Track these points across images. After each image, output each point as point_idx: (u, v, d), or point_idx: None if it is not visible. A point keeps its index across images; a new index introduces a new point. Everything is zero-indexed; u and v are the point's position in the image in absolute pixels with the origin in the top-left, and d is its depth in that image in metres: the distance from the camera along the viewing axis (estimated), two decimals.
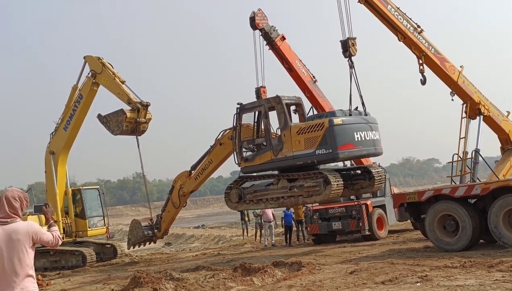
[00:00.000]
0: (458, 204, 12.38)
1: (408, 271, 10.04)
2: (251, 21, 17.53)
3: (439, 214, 12.66)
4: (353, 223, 17.50)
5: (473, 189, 12.27)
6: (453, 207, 12.42)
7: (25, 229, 4.90)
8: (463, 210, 12.23)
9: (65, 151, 20.94)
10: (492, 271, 9.26)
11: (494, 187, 12.00)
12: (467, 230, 12.13)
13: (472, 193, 12.25)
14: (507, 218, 11.66)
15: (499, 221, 11.66)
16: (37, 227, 5.04)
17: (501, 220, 11.64)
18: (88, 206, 21.43)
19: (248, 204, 15.62)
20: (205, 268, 13.87)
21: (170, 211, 19.45)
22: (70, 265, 19.63)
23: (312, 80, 18.41)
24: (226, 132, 17.16)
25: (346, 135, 13.83)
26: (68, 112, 20.46)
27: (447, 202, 12.61)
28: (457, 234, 12.33)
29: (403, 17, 16.67)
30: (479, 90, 17.88)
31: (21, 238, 4.86)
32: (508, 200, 11.63)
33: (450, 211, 12.49)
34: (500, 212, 11.66)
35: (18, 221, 4.93)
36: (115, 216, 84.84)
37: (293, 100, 15.40)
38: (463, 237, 12.20)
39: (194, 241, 33.36)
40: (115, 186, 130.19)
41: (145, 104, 18.82)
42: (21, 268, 4.81)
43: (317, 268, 11.81)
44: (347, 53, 14.94)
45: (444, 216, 12.62)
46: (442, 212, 12.64)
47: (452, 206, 12.46)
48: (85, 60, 20.19)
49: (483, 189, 12.09)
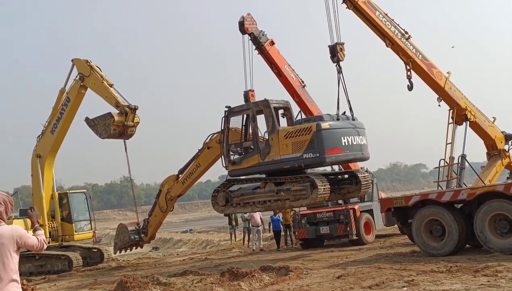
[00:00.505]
0: (444, 209, 12.45)
1: (394, 276, 10.09)
2: (240, 25, 17.56)
3: (426, 219, 12.73)
4: (340, 228, 17.55)
5: (460, 194, 12.35)
6: (440, 212, 12.50)
7: (10, 233, 4.85)
8: (450, 215, 12.31)
9: (52, 154, 20.79)
10: (477, 275, 9.33)
11: (480, 192, 12.09)
12: (453, 234, 12.20)
13: (459, 198, 12.33)
14: (492, 223, 11.73)
15: (485, 226, 11.73)
16: (21, 231, 4.98)
17: (487, 225, 11.71)
18: (74, 210, 21.29)
19: (235, 207, 15.61)
20: (192, 272, 13.81)
21: (157, 215, 19.36)
22: (56, 270, 19.45)
23: (301, 85, 18.46)
24: (214, 136, 17.13)
25: (333, 140, 13.87)
26: (55, 115, 20.32)
27: (433, 207, 12.69)
28: (444, 238, 12.40)
29: (391, 23, 16.79)
30: (465, 96, 18.05)
31: (5, 242, 4.80)
32: (493, 205, 11.72)
33: (437, 215, 12.56)
34: (486, 217, 11.73)
35: (3, 225, 4.87)
36: (102, 220, 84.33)
37: (281, 104, 15.43)
38: (449, 241, 12.28)
39: (182, 245, 33.26)
40: (103, 190, 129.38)
41: (133, 108, 18.75)
42: (5, 272, 4.75)
43: (305, 273, 11.82)
44: (335, 58, 14.99)
45: (431, 220, 12.69)
46: (428, 217, 12.71)
47: (438, 211, 12.54)
48: (73, 63, 20.08)
49: (469, 194, 12.17)
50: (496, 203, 11.70)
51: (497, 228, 11.68)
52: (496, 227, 11.70)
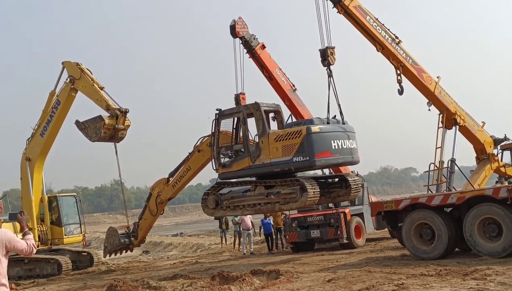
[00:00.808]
0: (434, 212, 12.51)
1: (385, 279, 10.12)
2: (232, 29, 17.62)
3: (416, 223, 12.78)
4: (331, 231, 17.59)
5: (449, 198, 12.41)
6: (430, 215, 12.55)
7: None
8: (439, 219, 12.37)
9: (42, 157, 20.69)
10: (467, 279, 9.38)
11: (470, 196, 12.16)
12: (443, 238, 12.26)
13: (448, 201, 12.39)
14: (481, 226, 11.80)
15: (474, 229, 11.80)
16: (11, 235, 4.96)
17: (476, 229, 11.78)
18: (64, 213, 21.19)
19: (225, 210, 15.60)
20: (182, 276, 13.78)
21: (147, 219, 19.31)
22: (45, 273, 19.33)
23: (292, 89, 18.52)
24: (205, 139, 17.14)
25: (323, 143, 13.91)
26: (45, 118, 20.22)
27: (423, 211, 12.74)
28: (433, 242, 12.45)
29: (382, 28, 16.89)
30: (455, 101, 18.18)
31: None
32: (482, 209, 11.79)
33: (427, 219, 12.62)
34: (475, 221, 11.80)
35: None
36: (92, 223, 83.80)
37: (272, 108, 15.46)
38: (439, 245, 12.34)
39: (172, 249, 33.13)
40: (93, 193, 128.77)
41: (123, 111, 18.71)
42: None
43: (295, 276, 11.82)
44: (325, 62, 15.05)
45: (421, 224, 12.74)
46: (418, 221, 12.76)
47: (428, 215, 12.59)
48: (63, 65, 20.01)
49: (459, 198, 12.24)
50: (485, 206, 11.77)
51: (486, 231, 11.74)
52: (485, 231, 11.76)
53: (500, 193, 11.54)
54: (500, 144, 19.55)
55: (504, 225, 11.38)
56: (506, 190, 11.45)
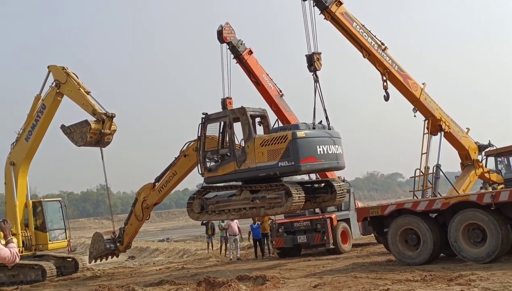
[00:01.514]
0: (419, 218, 12.59)
1: (370, 285, 10.14)
2: (219, 34, 17.62)
3: (401, 228, 12.85)
4: (317, 237, 17.60)
5: (434, 203, 12.49)
6: (415, 221, 12.63)
7: None
8: (425, 224, 12.45)
9: (26, 161, 20.49)
10: (451, 284, 9.44)
11: (454, 202, 12.25)
12: (428, 243, 12.34)
13: (433, 207, 12.47)
14: (466, 232, 11.90)
15: (459, 235, 11.90)
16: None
17: (461, 234, 11.88)
18: (49, 219, 20.96)
19: (210, 214, 15.56)
20: (168, 282, 13.71)
21: (133, 224, 19.19)
22: (29, 280, 19.10)
23: (279, 95, 18.55)
24: (191, 144, 17.08)
25: (309, 149, 13.94)
26: (30, 122, 20.04)
27: (409, 216, 12.81)
28: (419, 247, 12.53)
29: (368, 34, 16.99)
30: (440, 107, 18.33)
31: None
32: (467, 214, 11.90)
33: (412, 225, 12.69)
34: (460, 226, 11.90)
35: None
36: (78, 228, 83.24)
37: (258, 112, 15.48)
38: (424, 250, 12.41)
39: (158, 254, 32.97)
40: (78, 198, 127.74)
41: (110, 116, 18.61)
42: None
43: (282, 282, 11.81)
44: (312, 68, 15.09)
45: (406, 230, 12.82)
46: (404, 226, 12.83)
47: (413, 220, 12.67)
48: (49, 69, 19.86)
49: (444, 203, 12.32)
50: (469, 212, 11.87)
51: (471, 237, 11.85)
52: (470, 236, 11.86)
53: (484, 198, 11.65)
54: (485, 150, 19.74)
55: (488, 230, 11.49)
56: (490, 196, 11.57)
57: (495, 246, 11.38)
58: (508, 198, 11.43)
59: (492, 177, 19.54)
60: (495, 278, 9.55)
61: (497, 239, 11.36)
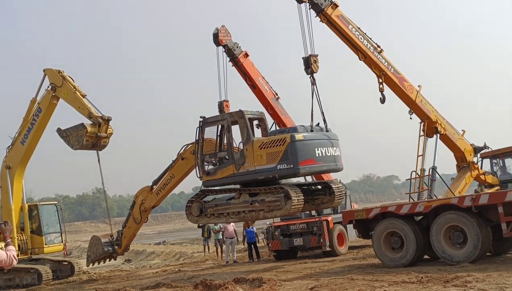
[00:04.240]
0: (403, 221, 12.80)
1: (367, 287, 10.17)
2: (215, 37, 17.66)
3: (386, 231, 13.08)
4: (314, 239, 17.63)
5: (417, 206, 12.69)
6: (399, 224, 12.84)
7: None
8: (408, 227, 12.66)
9: (22, 165, 20.45)
10: (447, 286, 9.47)
11: (436, 205, 12.46)
12: (411, 246, 12.54)
13: (416, 210, 12.68)
14: (448, 234, 12.13)
15: (441, 237, 12.13)
16: None
17: (442, 236, 12.12)
18: (45, 222, 20.93)
19: (209, 217, 15.57)
20: (165, 285, 13.70)
21: (131, 227, 19.18)
22: (25, 283, 19.05)
23: (275, 97, 18.59)
24: (189, 147, 17.09)
25: (307, 151, 13.97)
26: (26, 125, 20.01)
27: (393, 219, 13.01)
28: (402, 250, 12.72)
29: (364, 37, 17.05)
30: (436, 109, 18.39)
31: None
32: (448, 217, 12.12)
33: (396, 228, 12.90)
34: (441, 229, 12.14)
35: None
36: (74, 232, 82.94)
37: (256, 115, 15.50)
38: (407, 253, 12.62)
39: (155, 257, 32.94)
40: (74, 202, 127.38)
41: (106, 119, 18.60)
42: None
43: (278, 284, 11.81)
44: (309, 70, 15.14)
45: (390, 232, 13.03)
46: (388, 229, 13.05)
47: (397, 223, 12.87)
48: (45, 73, 19.84)
49: (426, 206, 12.54)
50: (450, 215, 12.10)
51: (452, 239, 12.08)
52: (451, 238, 12.10)
53: (465, 201, 11.91)
54: (480, 152, 19.83)
55: (468, 232, 11.75)
56: (471, 199, 11.83)
57: (476, 247, 11.62)
58: (488, 201, 11.70)
59: (487, 178, 19.61)
60: (491, 280, 9.60)
61: (477, 240, 11.62)
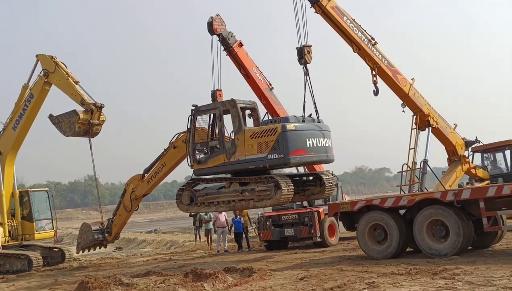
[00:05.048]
0: (387, 214, 12.91)
1: (356, 278, 10.23)
2: (209, 26, 17.54)
3: (370, 224, 13.19)
4: (305, 230, 17.70)
5: (401, 200, 12.80)
6: (383, 217, 12.95)
7: None
8: (392, 220, 12.78)
9: (13, 151, 20.36)
10: (436, 278, 9.55)
11: (420, 199, 12.57)
12: (394, 239, 12.67)
13: (400, 204, 12.79)
14: (430, 227, 12.27)
15: (423, 230, 12.26)
16: None
17: (425, 230, 12.25)
18: (36, 209, 20.90)
19: (200, 206, 15.58)
20: (155, 273, 13.72)
21: (122, 215, 19.15)
22: (15, 269, 19.02)
23: (269, 88, 18.54)
24: (180, 136, 17.04)
25: (298, 141, 13.98)
26: (17, 111, 19.90)
27: (377, 212, 13.12)
28: (385, 242, 12.85)
29: (358, 29, 17.03)
30: (428, 103, 18.43)
31: None
32: (431, 211, 12.24)
33: (380, 220, 13.01)
34: (424, 222, 12.27)
35: None
36: (65, 219, 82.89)
37: (248, 105, 15.47)
38: (390, 245, 12.74)
39: (146, 246, 32.95)
40: (66, 189, 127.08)
41: (99, 106, 18.51)
42: None
43: (268, 274, 11.87)
44: (302, 60, 15.10)
45: (374, 225, 13.14)
46: (372, 222, 13.17)
47: (381, 216, 12.99)
48: (38, 58, 19.70)
49: (410, 200, 12.65)
50: (433, 209, 12.22)
51: (434, 232, 12.22)
52: (434, 232, 12.23)
53: (448, 196, 12.06)
54: (471, 146, 19.92)
55: (450, 226, 11.89)
56: (453, 194, 11.96)
57: (457, 241, 11.77)
58: (470, 195, 11.84)
59: (478, 172, 19.73)
60: (479, 272, 9.68)
61: (459, 234, 11.76)
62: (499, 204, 11.88)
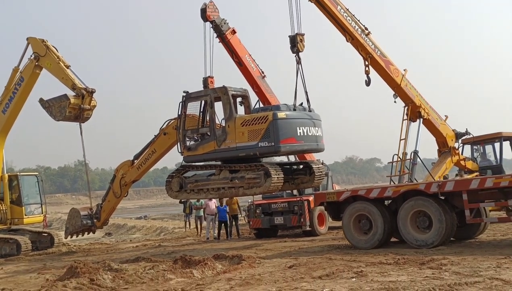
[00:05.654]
0: (372, 204, 13.01)
1: (344, 267, 10.30)
2: (202, 12, 17.43)
3: (355, 214, 13.28)
4: (294, 218, 17.76)
5: (386, 191, 12.87)
6: (368, 207, 13.04)
7: None
8: (377, 211, 12.88)
9: (3, 134, 20.19)
10: (423, 268, 9.63)
11: (404, 190, 12.69)
12: (379, 229, 12.78)
13: (385, 195, 12.86)
14: (414, 218, 12.38)
15: (407, 221, 12.37)
16: None
17: (409, 220, 12.36)
18: (25, 193, 20.80)
19: (189, 193, 15.59)
20: (145, 259, 13.74)
21: (111, 201, 19.11)
22: (3, 253, 18.99)
23: (261, 76, 18.49)
24: (171, 122, 16.99)
25: (289, 130, 13.99)
26: (7, 94, 19.69)
27: (362, 203, 13.21)
28: (370, 232, 12.95)
29: (352, 19, 17.00)
30: (420, 94, 18.50)
31: None
32: (415, 202, 12.35)
33: (365, 211, 13.10)
34: (408, 213, 12.38)
35: None
36: (55, 204, 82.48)
37: (240, 92, 15.44)
38: (375, 235, 12.85)
39: (136, 232, 32.93)
40: (56, 173, 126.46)
41: (90, 91, 18.36)
42: None
43: (257, 262, 11.91)
44: (295, 49, 15.07)
45: (360, 215, 13.24)
46: (357, 212, 13.26)
47: (367, 207, 13.08)
48: (28, 41, 19.45)
49: (395, 191, 12.73)
50: (417, 200, 12.33)
51: (418, 223, 12.34)
52: (417, 223, 12.35)
53: (432, 188, 12.15)
54: (462, 138, 20.06)
55: (433, 217, 12.01)
56: (437, 186, 12.07)
57: (440, 232, 11.90)
58: (453, 188, 11.97)
59: (467, 164, 19.88)
60: (466, 263, 9.78)
61: (442, 226, 11.89)
62: (482, 197, 12.04)
